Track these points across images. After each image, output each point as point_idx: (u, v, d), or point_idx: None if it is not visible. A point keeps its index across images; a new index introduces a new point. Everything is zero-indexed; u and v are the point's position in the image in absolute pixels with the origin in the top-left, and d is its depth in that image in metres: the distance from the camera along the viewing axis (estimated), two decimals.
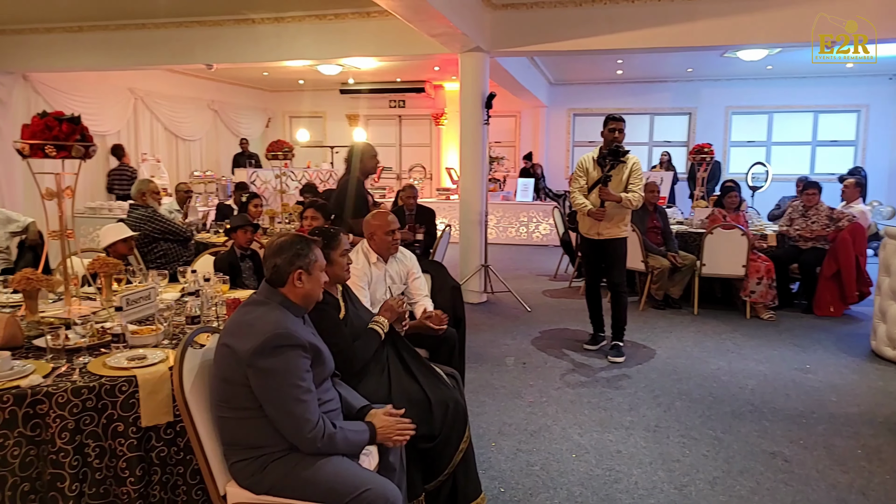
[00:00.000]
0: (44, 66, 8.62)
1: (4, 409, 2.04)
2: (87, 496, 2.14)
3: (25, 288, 2.76)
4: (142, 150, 10.93)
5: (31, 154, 2.75)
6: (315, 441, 1.94)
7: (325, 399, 2.10)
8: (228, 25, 7.52)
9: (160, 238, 5.48)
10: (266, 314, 2.05)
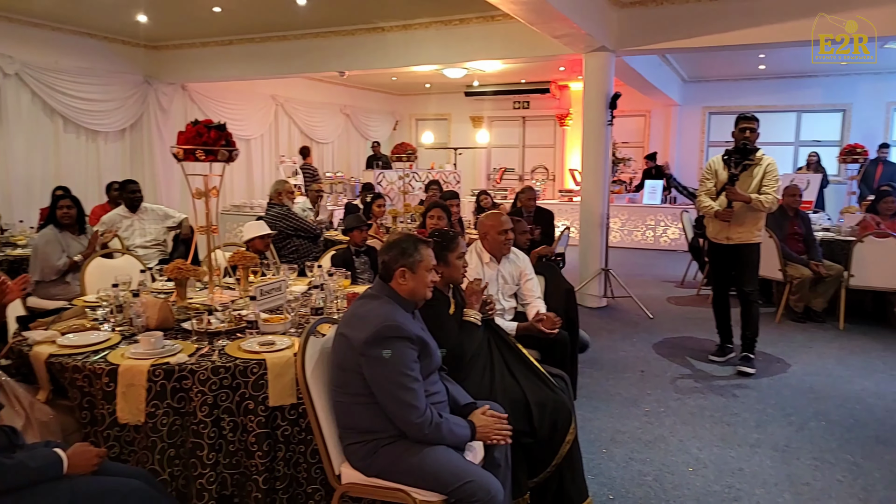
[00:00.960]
0: (199, 76, 9.53)
1: (156, 382, 2.31)
2: (221, 465, 2.37)
3: (177, 276, 3.10)
4: (280, 153, 11.76)
5: (184, 158, 3.08)
6: (422, 427, 2.03)
7: (433, 391, 2.18)
8: (360, 34, 7.92)
9: (293, 235, 5.89)
10: (378, 307, 2.17)
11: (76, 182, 8.11)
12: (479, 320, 2.74)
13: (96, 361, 2.39)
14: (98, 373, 2.33)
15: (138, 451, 2.34)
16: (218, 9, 7.03)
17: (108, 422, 2.33)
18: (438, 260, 2.47)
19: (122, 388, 2.31)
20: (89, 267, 4.17)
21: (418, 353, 2.14)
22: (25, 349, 2.54)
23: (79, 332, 2.71)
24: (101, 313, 2.98)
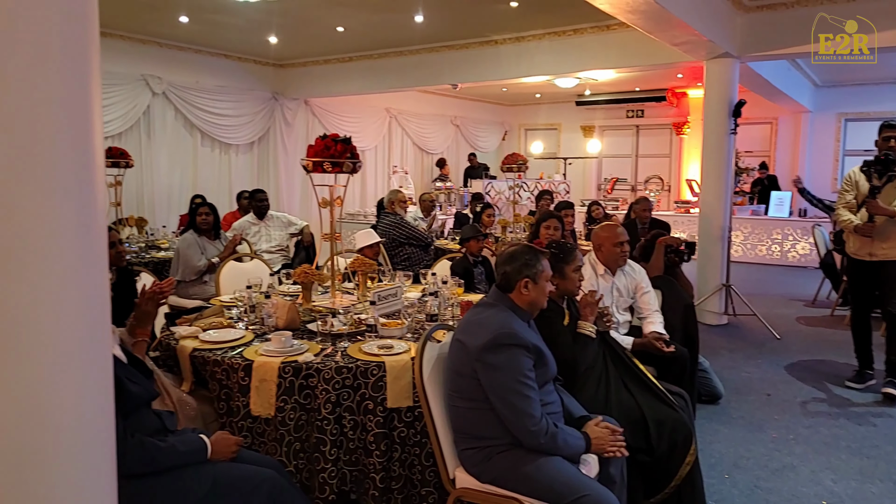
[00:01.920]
0: (321, 92, 10.07)
1: (286, 379, 2.47)
2: (342, 461, 2.49)
3: (303, 280, 3.30)
4: (393, 163, 12.16)
5: (313, 169, 3.27)
6: (538, 436, 2.03)
7: (548, 401, 2.18)
8: (473, 48, 8.05)
9: (405, 243, 6.06)
10: (494, 315, 2.20)
11: (209, 191, 8.80)
12: (593, 333, 2.70)
13: (233, 357, 2.59)
14: (235, 367, 2.53)
15: (267, 443, 2.50)
16: (341, 28, 7.40)
17: (242, 413, 2.52)
18: (554, 271, 2.47)
19: (255, 382, 2.49)
20: (224, 269, 4.51)
21: (534, 361, 2.14)
22: (172, 343, 2.80)
23: (218, 329, 2.94)
24: (236, 312, 3.22)
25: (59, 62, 1.19)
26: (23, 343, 1.16)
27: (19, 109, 1.14)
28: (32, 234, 1.16)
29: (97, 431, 1.28)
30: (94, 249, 1.27)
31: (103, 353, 1.30)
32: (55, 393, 1.19)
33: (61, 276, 1.20)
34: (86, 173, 1.24)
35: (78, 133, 1.22)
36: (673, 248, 4.11)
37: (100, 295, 1.29)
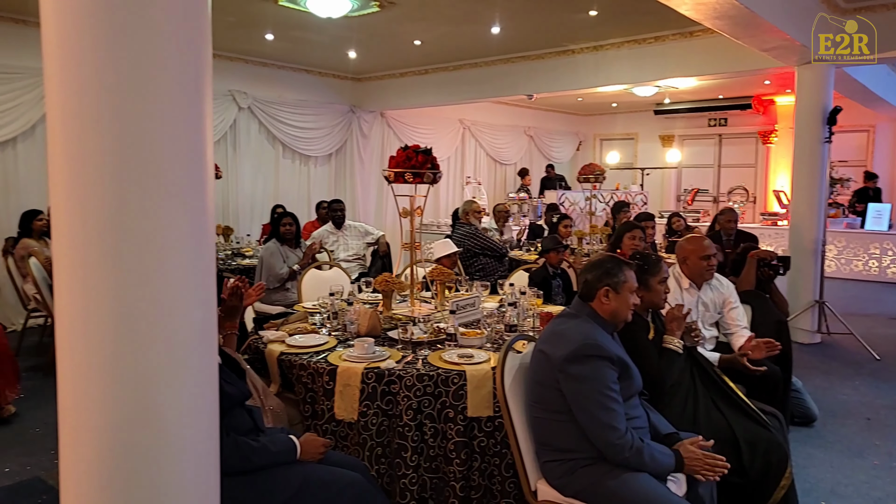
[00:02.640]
0: (397, 104, 10.26)
1: (368, 384, 2.52)
2: (422, 468, 2.51)
3: (384, 289, 3.36)
4: (466, 174, 12.22)
5: (394, 180, 3.34)
6: (623, 450, 1.98)
7: (633, 415, 2.12)
8: (550, 58, 8.01)
9: (480, 253, 6.07)
10: (577, 326, 2.17)
11: (289, 201, 9.12)
12: (679, 348, 2.61)
13: (318, 361, 2.66)
14: (320, 371, 2.60)
15: (350, 447, 2.56)
16: (418, 41, 7.53)
17: (326, 416, 2.59)
18: (640, 283, 2.42)
19: (339, 387, 2.55)
20: (305, 277, 4.66)
21: (618, 374, 2.10)
22: (261, 346, 2.91)
23: (303, 334, 3.04)
24: (319, 319, 3.32)
25: (178, 87, 1.27)
26: (142, 341, 1.24)
27: (146, 134, 1.23)
28: (153, 242, 1.25)
29: (205, 427, 1.35)
30: (205, 257, 1.35)
31: (211, 353, 1.37)
32: (170, 389, 1.26)
33: (177, 281, 1.28)
34: (199, 189, 1.32)
35: (195, 154, 1.30)
36: (766, 262, 3.93)
37: (209, 299, 1.36)
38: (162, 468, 1.25)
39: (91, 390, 1.21)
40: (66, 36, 1.20)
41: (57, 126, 1.25)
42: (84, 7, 1.18)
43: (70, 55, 1.20)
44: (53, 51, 1.22)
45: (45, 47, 1.24)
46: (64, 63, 1.20)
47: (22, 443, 3.86)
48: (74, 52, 1.20)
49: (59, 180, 1.25)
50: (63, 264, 1.24)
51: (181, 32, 1.26)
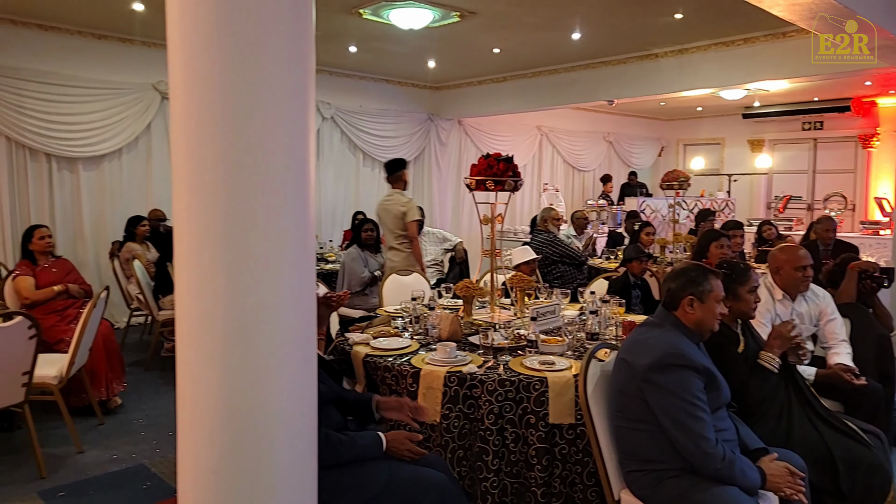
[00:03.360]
0: (475, 112, 10.35)
1: (451, 388, 2.58)
2: (503, 472, 2.54)
3: (464, 294, 3.41)
4: (543, 181, 12.14)
5: (475, 187, 3.39)
6: (714, 460, 1.94)
7: (721, 427, 2.08)
8: (631, 62, 7.87)
9: (558, 261, 6.04)
10: (661, 335, 2.15)
11: (369, 207, 9.34)
12: (776, 367, 2.51)
13: (402, 364, 2.75)
14: (404, 374, 2.68)
15: (433, 448, 2.62)
16: (497, 49, 7.58)
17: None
18: (727, 293, 2.36)
19: (422, 389, 2.62)
20: (386, 282, 4.79)
21: (705, 384, 2.06)
22: (347, 348, 3.03)
23: (386, 337, 3.14)
24: (401, 323, 3.41)
25: (286, 108, 1.37)
26: (250, 338, 1.34)
27: (256, 151, 1.33)
28: (262, 246, 1.35)
29: (305, 419, 1.44)
30: (307, 262, 1.44)
31: (311, 351, 1.46)
32: (275, 383, 1.36)
33: (282, 284, 1.37)
34: (303, 197, 1.42)
35: (300, 169, 1.40)
36: (868, 274, 3.71)
37: (310, 300, 1.45)
38: (266, 455, 1.35)
39: (206, 384, 1.33)
40: (190, 59, 1.32)
41: (180, 143, 1.37)
42: (206, 34, 1.30)
43: (192, 76, 1.32)
44: (178, 73, 1.34)
45: (171, 69, 1.37)
46: (186, 84, 1.33)
47: (127, 432, 4.16)
48: (197, 74, 1.31)
49: (181, 194, 1.37)
50: (184, 271, 1.36)
51: (289, 56, 1.36)
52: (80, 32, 6.78)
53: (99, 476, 3.54)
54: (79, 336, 3.87)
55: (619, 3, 5.74)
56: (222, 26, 1.29)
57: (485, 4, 5.74)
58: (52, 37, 6.62)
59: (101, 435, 4.11)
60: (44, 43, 6.57)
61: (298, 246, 1.39)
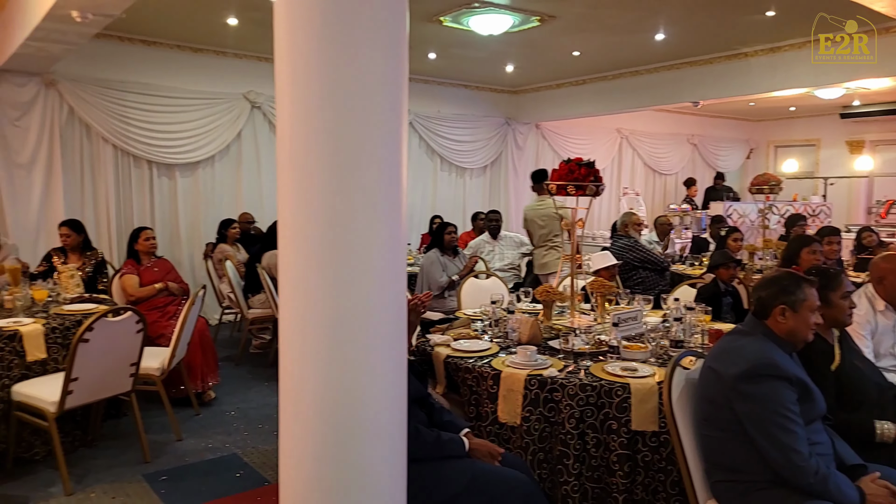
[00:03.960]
0: (552, 115, 10.28)
1: (531, 391, 2.60)
2: (584, 477, 2.54)
3: (544, 298, 3.42)
4: (623, 185, 11.90)
5: (556, 192, 3.40)
6: (807, 474, 1.88)
7: (815, 440, 2.00)
8: (719, 62, 7.61)
9: (639, 266, 5.92)
10: (751, 343, 2.09)
11: (445, 211, 9.46)
12: (892, 437, 2.33)
13: (483, 366, 2.79)
14: (485, 375, 2.72)
15: (513, 450, 2.65)
16: (577, 52, 7.52)
17: (490, 419, 2.70)
18: (820, 300, 2.26)
19: (503, 391, 2.65)
20: (465, 286, 4.85)
21: (798, 395, 1.99)
22: (428, 349, 3.10)
23: (467, 339, 3.19)
24: (481, 326, 3.46)
25: (380, 121, 1.45)
26: (349, 337, 1.42)
27: (354, 160, 1.41)
28: (359, 247, 1.43)
29: (397, 412, 1.51)
30: (399, 264, 1.51)
31: (402, 347, 1.54)
32: (370, 378, 1.44)
33: (377, 285, 1.45)
34: (396, 204, 1.49)
35: (394, 177, 1.47)
36: None
37: (401, 301, 1.52)
38: (362, 445, 1.43)
39: (307, 376, 1.42)
40: (295, 72, 1.42)
41: (285, 152, 1.47)
42: (310, 49, 1.40)
43: (298, 91, 1.42)
44: (285, 86, 1.44)
45: (277, 81, 1.47)
46: (293, 97, 1.42)
47: (221, 423, 4.41)
48: (301, 90, 1.41)
49: (286, 200, 1.47)
50: (288, 272, 1.46)
51: (385, 73, 1.44)
52: (179, 46, 7.24)
53: (196, 463, 3.78)
54: (179, 331, 4.14)
55: (705, 3, 5.58)
56: (325, 44, 1.38)
57: (565, 8, 5.71)
58: (154, 51, 7.11)
59: (197, 425, 4.38)
60: (146, 57, 7.06)
61: (392, 250, 1.47)
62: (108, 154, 7.02)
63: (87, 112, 6.75)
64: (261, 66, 7.76)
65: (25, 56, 5.48)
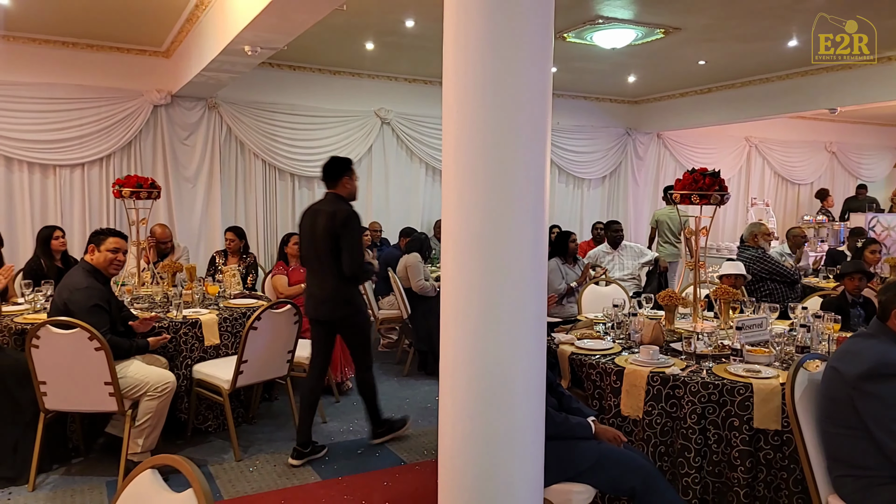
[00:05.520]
0: (675, 125, 10.13)
1: (654, 387, 2.77)
2: (705, 471, 2.67)
3: (667, 303, 3.55)
4: (751, 195, 11.43)
5: (680, 201, 3.52)
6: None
7: None
8: (858, 67, 7.24)
9: (767, 278, 5.79)
10: (874, 345, 2.19)
11: (562, 221, 9.61)
12: None
13: (606, 363, 2.99)
14: (608, 371, 2.92)
15: (635, 442, 2.82)
16: (703, 62, 7.45)
17: (613, 412, 2.89)
18: None
19: (626, 386, 2.84)
20: (585, 292, 5.03)
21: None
22: (553, 346, 3.34)
23: (590, 339, 3.39)
24: (603, 328, 3.64)
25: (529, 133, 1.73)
26: (499, 323, 1.72)
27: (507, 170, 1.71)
28: (509, 249, 1.72)
29: (536, 389, 1.79)
30: (540, 258, 1.79)
31: (542, 334, 1.81)
32: (516, 358, 1.72)
33: (523, 278, 1.74)
34: (540, 208, 1.77)
35: (539, 183, 1.75)
36: None
37: (542, 294, 1.80)
38: (508, 416, 1.72)
39: (463, 357, 1.74)
40: (461, 99, 1.75)
41: (450, 166, 1.79)
42: (473, 79, 1.72)
43: (463, 113, 1.74)
44: (451, 111, 1.77)
45: (445, 105, 1.80)
46: (459, 118, 1.75)
47: (358, 410, 4.85)
48: (465, 110, 1.74)
49: (449, 205, 1.79)
50: (449, 266, 1.79)
51: (534, 88, 1.72)
52: (320, 70, 7.99)
53: (341, 442, 4.24)
54: None
55: (843, 7, 5.40)
56: (486, 66, 1.70)
57: (691, 20, 5.74)
58: (299, 75, 7.89)
59: (338, 410, 4.87)
60: (292, 81, 7.86)
61: (535, 247, 1.74)
62: (258, 168, 7.87)
63: (242, 131, 7.62)
64: (390, 84, 8.37)
65: (198, 84, 6.33)
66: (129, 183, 5.00)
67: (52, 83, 6.60)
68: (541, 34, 1.75)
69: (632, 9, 5.52)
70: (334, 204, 3.78)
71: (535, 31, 1.73)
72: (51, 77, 6.60)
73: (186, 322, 4.18)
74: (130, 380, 3.51)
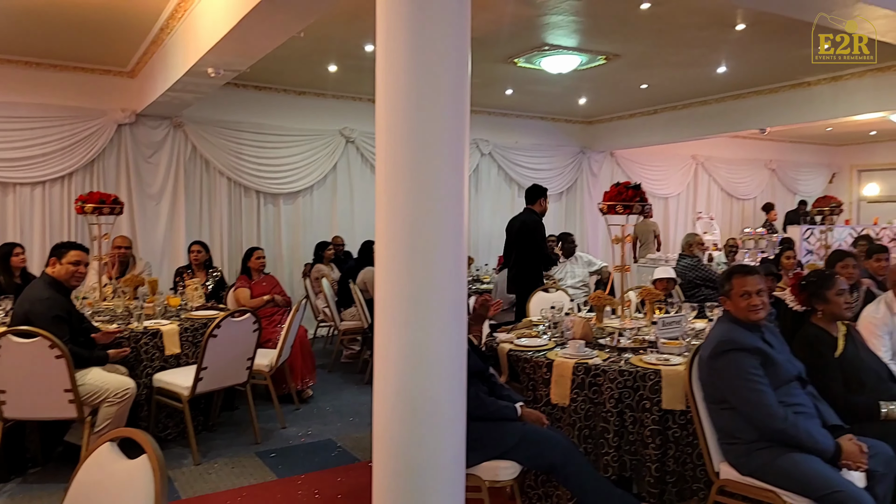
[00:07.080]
0: (626, 144, 10.66)
1: (578, 376, 3.09)
2: (623, 449, 3.00)
3: (596, 304, 3.91)
4: (697, 209, 12.03)
5: (607, 212, 3.89)
6: (775, 419, 2.33)
7: (793, 402, 2.44)
8: (783, 91, 7.84)
9: (701, 284, 6.22)
10: (717, 327, 2.69)
11: None
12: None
13: (539, 357, 3.31)
14: (540, 364, 3.24)
15: (562, 427, 3.14)
16: (645, 85, 7.96)
17: (544, 401, 3.21)
18: (817, 297, 2.75)
19: (555, 377, 3.16)
20: (533, 298, 5.36)
21: (761, 362, 2.43)
22: (494, 344, 3.65)
23: (528, 337, 3.72)
24: (541, 328, 3.97)
25: (449, 152, 2.06)
26: (421, 315, 2.03)
27: (428, 183, 2.03)
28: (429, 253, 2.03)
29: (459, 378, 2.09)
30: (459, 261, 2.11)
31: (462, 327, 2.13)
32: (439, 347, 2.03)
33: (442, 281, 2.05)
34: (458, 217, 2.09)
35: (457, 198, 2.07)
36: None
37: (461, 295, 2.12)
38: (432, 397, 2.03)
39: (392, 345, 2.05)
40: (389, 116, 2.07)
41: (382, 177, 2.11)
42: (399, 96, 2.05)
43: (391, 129, 2.06)
44: (382, 124, 2.10)
45: (377, 120, 2.12)
46: (388, 134, 2.07)
47: (318, 416, 5.09)
48: (392, 127, 2.06)
49: (380, 208, 2.10)
50: (380, 261, 2.10)
51: (452, 108, 2.06)
52: (286, 90, 8.25)
53: (299, 444, 4.46)
54: (285, 334, 4.87)
55: (761, 39, 5.92)
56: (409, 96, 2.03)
57: (628, 48, 6.21)
58: (264, 95, 8.13)
59: (297, 416, 5.07)
60: (258, 101, 8.09)
61: (454, 247, 2.07)
62: (223, 185, 8.04)
63: (208, 149, 7.81)
64: (355, 105, 8.66)
65: (162, 103, 6.53)
66: (92, 199, 5.11)
67: (14, 102, 6.65)
68: (457, 59, 2.08)
69: (575, 37, 5.95)
70: (530, 215, 5.86)
71: (452, 61, 2.07)
72: (12, 96, 6.65)
73: (147, 332, 4.27)
74: (90, 386, 3.57)
